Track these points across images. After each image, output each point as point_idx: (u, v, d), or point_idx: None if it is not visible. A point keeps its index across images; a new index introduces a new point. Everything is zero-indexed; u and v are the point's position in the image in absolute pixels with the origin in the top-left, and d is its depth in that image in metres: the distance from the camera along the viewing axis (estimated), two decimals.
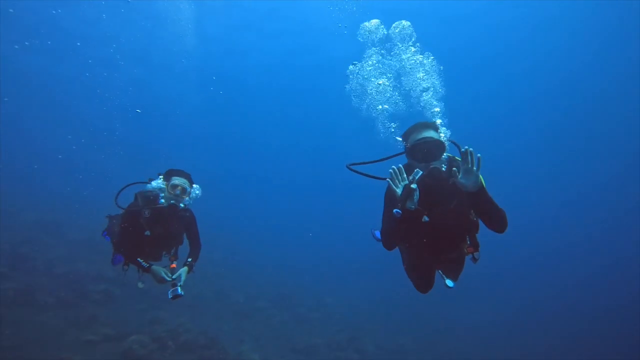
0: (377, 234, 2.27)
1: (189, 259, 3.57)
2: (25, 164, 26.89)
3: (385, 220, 2.40)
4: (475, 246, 2.37)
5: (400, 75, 3.04)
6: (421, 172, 2.13)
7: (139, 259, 3.32)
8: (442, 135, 2.33)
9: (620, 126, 23.37)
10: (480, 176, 2.25)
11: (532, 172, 29.37)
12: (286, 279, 15.56)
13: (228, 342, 8.79)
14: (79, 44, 17.69)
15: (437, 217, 2.26)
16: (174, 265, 3.37)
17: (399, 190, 2.13)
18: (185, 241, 3.74)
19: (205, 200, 3.91)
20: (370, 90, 3.06)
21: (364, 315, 13.87)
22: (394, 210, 2.15)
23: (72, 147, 27.14)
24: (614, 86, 21.07)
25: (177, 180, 3.39)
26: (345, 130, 28.19)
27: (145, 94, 22.10)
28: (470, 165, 2.07)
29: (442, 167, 2.26)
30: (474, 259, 2.44)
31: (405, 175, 2.15)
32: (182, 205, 3.42)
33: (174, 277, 3.26)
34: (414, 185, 2.09)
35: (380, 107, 2.90)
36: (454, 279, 2.60)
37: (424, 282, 2.68)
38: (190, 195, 3.53)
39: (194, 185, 3.59)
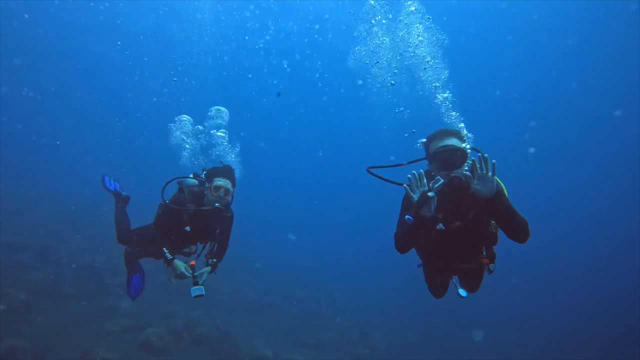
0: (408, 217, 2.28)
1: (214, 259, 3.53)
2: (47, 158, 27.94)
3: (399, 224, 2.38)
4: (492, 257, 2.33)
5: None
6: (442, 181, 2.08)
7: (165, 249, 3.28)
8: (465, 143, 2.29)
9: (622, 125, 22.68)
10: (502, 184, 2.25)
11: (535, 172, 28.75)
12: (298, 274, 15.79)
13: (240, 337, 9.06)
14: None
15: (453, 226, 2.24)
16: (193, 262, 3.34)
17: (415, 196, 2.10)
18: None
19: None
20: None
21: (375, 311, 13.98)
22: (406, 217, 2.13)
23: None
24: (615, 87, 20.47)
25: (220, 181, 3.28)
26: (355, 127, 28.14)
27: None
28: (485, 171, 2.06)
29: (463, 175, 2.22)
30: (489, 271, 2.41)
31: (425, 181, 2.12)
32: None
33: (195, 274, 3.24)
34: (431, 194, 2.05)
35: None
36: (471, 290, 2.58)
37: (437, 288, 2.68)
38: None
39: None
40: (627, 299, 17.24)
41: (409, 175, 2.15)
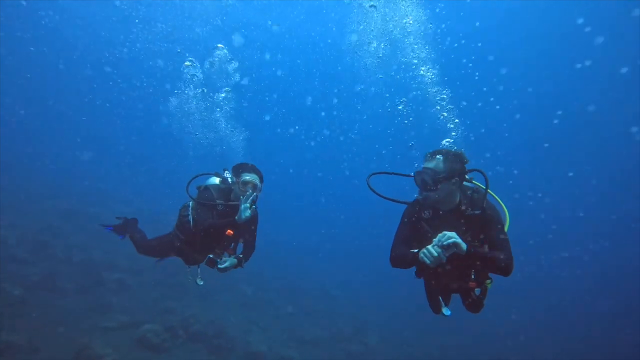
0: None
1: (241, 255, 3.54)
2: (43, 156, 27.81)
3: (397, 243, 2.44)
4: (479, 282, 2.35)
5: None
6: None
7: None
8: (451, 162, 2.30)
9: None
10: (507, 212, 2.37)
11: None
12: (294, 272, 15.88)
13: (236, 333, 9.13)
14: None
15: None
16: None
17: (427, 261, 2.08)
18: None
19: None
20: None
21: (370, 308, 14.11)
22: (411, 251, 2.25)
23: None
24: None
25: (247, 176, 3.27)
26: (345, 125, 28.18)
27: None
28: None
29: (450, 199, 2.32)
30: (466, 302, 2.46)
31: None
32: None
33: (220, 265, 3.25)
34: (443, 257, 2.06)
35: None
36: (475, 310, 2.57)
37: (432, 305, 2.72)
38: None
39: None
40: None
41: (422, 255, 2.11)
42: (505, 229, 2.38)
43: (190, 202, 3.43)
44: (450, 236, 2.03)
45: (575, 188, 28.14)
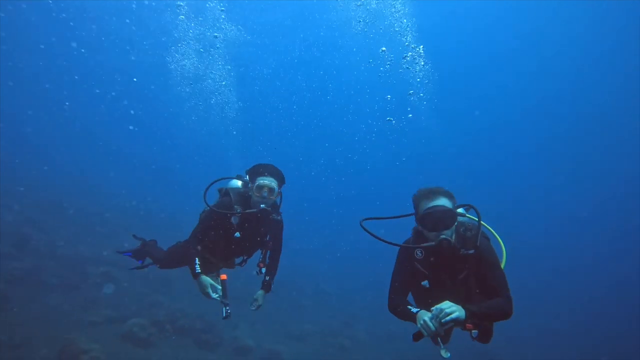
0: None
1: (267, 277, 3.35)
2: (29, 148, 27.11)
3: (394, 289, 2.38)
4: (476, 324, 2.16)
5: None
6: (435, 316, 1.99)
7: (197, 259, 3.02)
8: (454, 202, 2.26)
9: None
10: (504, 249, 2.35)
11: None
12: (282, 266, 15.87)
13: (224, 327, 9.13)
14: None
15: (441, 286, 2.26)
16: (224, 276, 3.02)
17: (425, 333, 2.03)
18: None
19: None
20: None
21: (358, 303, 14.27)
22: (410, 310, 2.18)
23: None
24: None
25: (262, 180, 3.04)
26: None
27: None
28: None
29: (452, 236, 2.21)
30: (472, 337, 2.28)
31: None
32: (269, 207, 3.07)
33: (218, 296, 2.94)
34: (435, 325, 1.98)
35: None
36: (485, 341, 2.41)
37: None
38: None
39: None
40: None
41: (421, 326, 2.04)
42: (502, 264, 2.33)
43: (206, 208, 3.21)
44: (449, 312, 1.93)
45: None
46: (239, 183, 3.30)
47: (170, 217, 15.90)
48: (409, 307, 2.22)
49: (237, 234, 3.10)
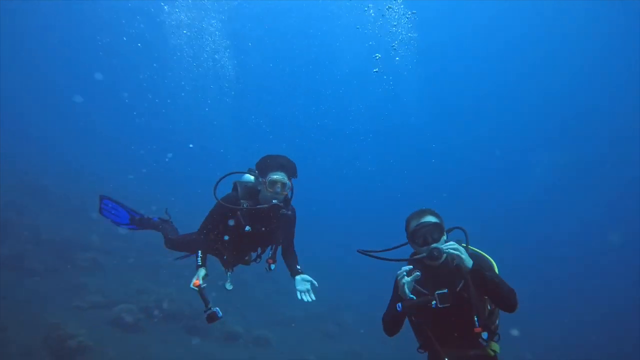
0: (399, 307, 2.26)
1: (298, 267, 3.36)
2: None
3: (388, 308, 2.47)
4: (485, 326, 2.27)
5: None
6: (419, 274, 2.19)
7: (200, 252, 3.04)
8: (439, 219, 2.39)
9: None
10: (493, 261, 2.39)
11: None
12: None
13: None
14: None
15: (442, 301, 2.29)
16: (197, 282, 2.97)
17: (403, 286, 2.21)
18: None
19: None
20: None
21: (345, 290, 14.52)
22: (397, 305, 2.25)
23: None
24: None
25: (275, 175, 2.97)
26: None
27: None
28: (464, 244, 2.28)
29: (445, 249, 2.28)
30: (482, 339, 2.30)
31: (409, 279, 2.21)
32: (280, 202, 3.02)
33: (206, 300, 2.93)
34: (406, 280, 2.18)
35: None
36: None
37: None
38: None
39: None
40: None
41: (398, 272, 2.25)
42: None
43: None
44: (455, 247, 2.17)
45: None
46: (251, 177, 3.24)
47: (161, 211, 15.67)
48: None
49: (248, 228, 3.06)
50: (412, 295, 2.21)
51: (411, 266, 2.26)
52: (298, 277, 3.24)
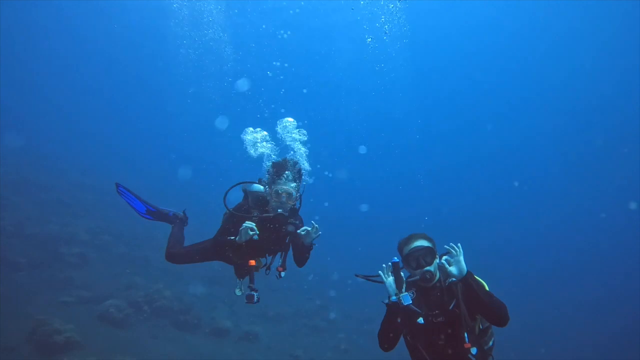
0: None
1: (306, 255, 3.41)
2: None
3: (381, 325, 2.54)
4: (474, 341, 2.34)
5: None
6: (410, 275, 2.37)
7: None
8: (431, 242, 2.51)
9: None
10: (482, 281, 2.46)
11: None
12: None
13: (201, 308, 9.19)
14: None
15: (434, 319, 2.39)
16: (252, 262, 3.14)
17: (387, 281, 2.42)
18: None
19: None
20: None
21: (334, 287, 14.62)
22: (391, 298, 2.39)
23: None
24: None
25: (280, 186, 3.05)
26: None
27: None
28: (456, 254, 2.39)
29: (436, 272, 2.44)
30: (471, 355, 2.37)
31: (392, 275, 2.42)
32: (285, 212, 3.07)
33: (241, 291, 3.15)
34: (390, 279, 2.38)
35: None
36: None
37: None
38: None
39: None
40: None
41: (384, 265, 2.45)
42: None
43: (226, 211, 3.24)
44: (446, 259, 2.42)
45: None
46: (261, 187, 3.27)
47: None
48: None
49: (256, 237, 3.03)
50: (395, 298, 2.35)
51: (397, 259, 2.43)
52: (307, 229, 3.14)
